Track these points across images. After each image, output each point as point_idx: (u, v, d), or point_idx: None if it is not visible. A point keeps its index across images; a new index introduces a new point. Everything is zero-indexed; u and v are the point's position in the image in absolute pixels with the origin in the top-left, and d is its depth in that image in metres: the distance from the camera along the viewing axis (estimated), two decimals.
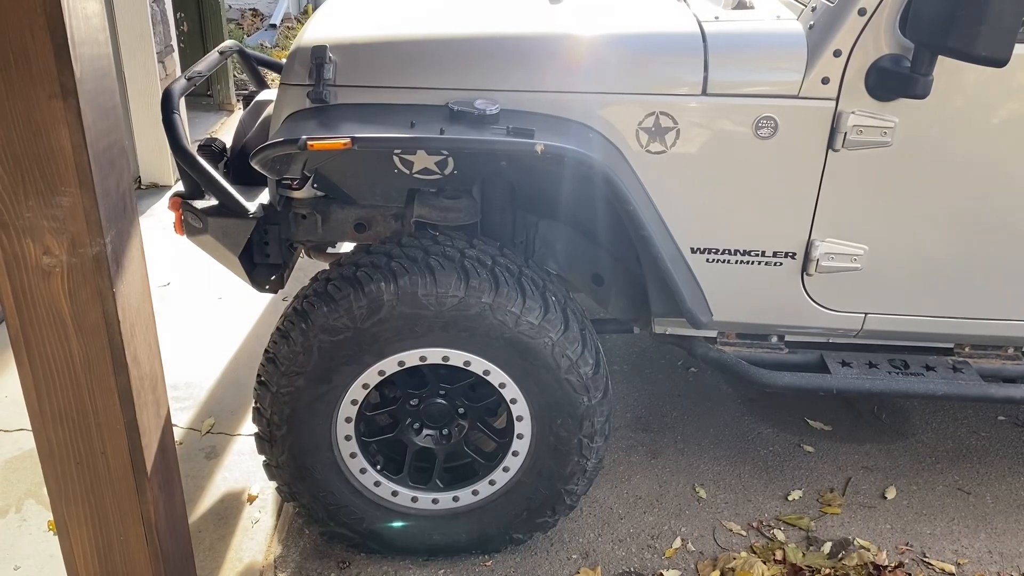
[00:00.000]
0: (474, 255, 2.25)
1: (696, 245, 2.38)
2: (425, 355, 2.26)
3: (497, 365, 2.27)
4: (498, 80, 2.24)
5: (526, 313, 2.20)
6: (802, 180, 2.30)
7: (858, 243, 2.37)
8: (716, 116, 2.23)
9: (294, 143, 2.09)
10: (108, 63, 1.32)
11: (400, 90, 2.26)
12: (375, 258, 2.25)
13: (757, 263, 2.40)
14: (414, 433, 2.46)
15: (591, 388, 2.30)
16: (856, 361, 2.55)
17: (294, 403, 2.28)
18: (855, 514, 2.80)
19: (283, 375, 2.25)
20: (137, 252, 1.44)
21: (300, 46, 2.30)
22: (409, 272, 2.18)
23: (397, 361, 2.26)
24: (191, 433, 3.04)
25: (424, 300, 2.17)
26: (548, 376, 2.26)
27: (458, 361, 2.27)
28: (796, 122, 2.23)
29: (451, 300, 2.17)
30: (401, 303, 2.17)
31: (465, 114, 2.15)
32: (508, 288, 2.20)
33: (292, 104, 2.31)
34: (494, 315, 2.19)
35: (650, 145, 2.25)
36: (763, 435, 3.14)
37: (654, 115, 2.22)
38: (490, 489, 2.46)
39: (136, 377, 1.47)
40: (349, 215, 2.67)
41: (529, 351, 2.23)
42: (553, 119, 2.22)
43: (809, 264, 2.38)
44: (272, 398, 2.28)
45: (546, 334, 2.22)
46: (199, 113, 6.18)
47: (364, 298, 2.17)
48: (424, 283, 2.17)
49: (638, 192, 2.27)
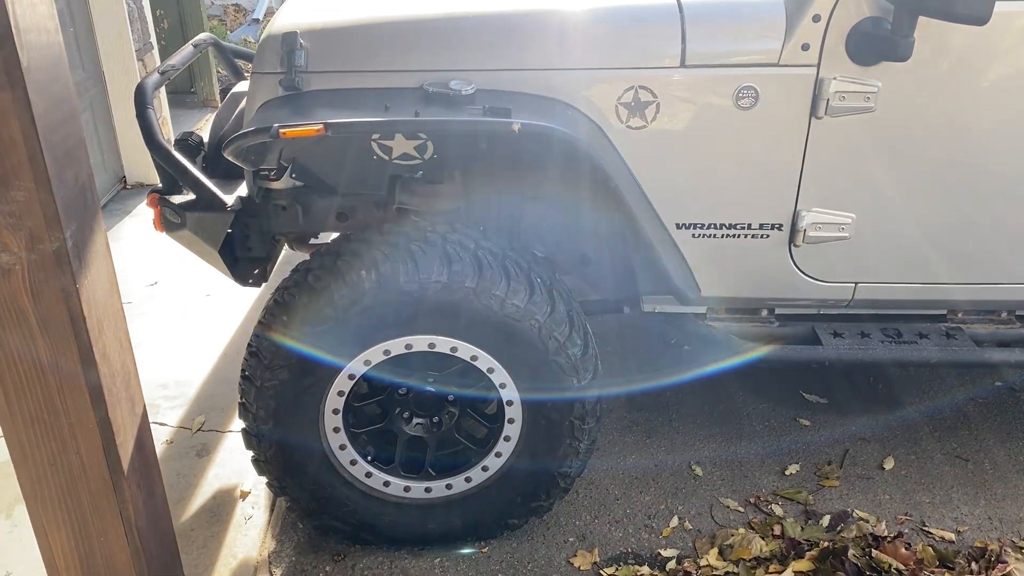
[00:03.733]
0: (456, 239, 2.22)
1: (681, 220, 2.35)
2: (411, 343, 2.23)
3: (484, 350, 2.24)
4: (473, 60, 2.20)
5: (511, 296, 2.16)
6: (786, 149, 2.26)
7: (845, 212, 2.34)
8: (696, 88, 2.20)
9: (266, 131, 2.06)
10: (59, 51, 1.28)
11: (374, 74, 2.22)
12: (355, 246, 2.21)
13: (743, 236, 2.37)
14: (404, 422, 2.43)
15: (580, 369, 2.26)
16: (848, 331, 2.53)
17: (279, 397, 2.24)
18: (853, 486, 2.78)
19: (266, 369, 2.22)
20: (101, 245, 1.41)
21: (271, 34, 2.26)
22: (390, 259, 2.14)
23: (382, 350, 2.23)
24: (182, 431, 3.02)
25: (407, 287, 2.13)
26: (536, 359, 2.23)
27: (445, 348, 2.24)
28: (777, 91, 2.19)
29: (434, 286, 2.14)
30: (383, 291, 2.13)
31: (440, 95, 2.11)
32: (492, 271, 2.16)
33: (265, 93, 2.27)
34: (479, 299, 2.15)
35: (630, 120, 2.21)
36: (759, 410, 3.12)
37: (633, 89, 2.18)
38: (483, 475, 2.43)
39: (107, 374, 1.43)
40: (330, 204, 2.63)
41: (516, 334, 2.20)
42: (531, 97, 2.18)
43: (796, 235, 2.35)
44: (257, 392, 2.25)
45: (532, 316, 2.18)
46: (183, 111, 6.13)
47: (345, 287, 2.14)
48: (406, 269, 2.13)
49: (620, 169, 2.24)
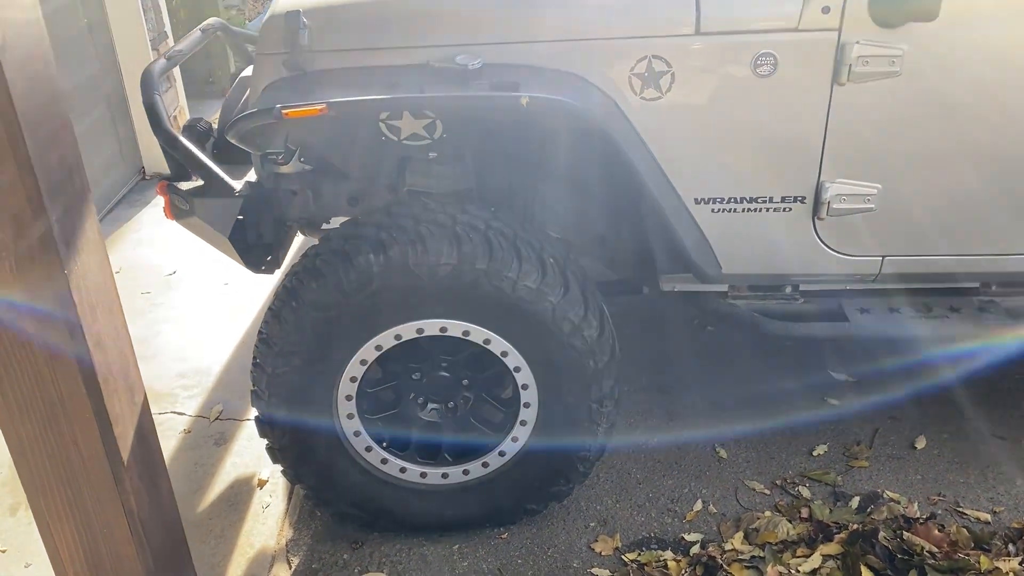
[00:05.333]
0: (466, 220, 2.16)
1: (699, 195, 2.27)
2: (422, 327, 2.18)
3: (498, 333, 2.18)
4: (480, 33, 2.13)
5: (523, 277, 2.10)
6: (807, 118, 2.17)
7: (871, 182, 2.24)
8: (712, 56, 2.11)
9: (269, 112, 2.02)
10: (39, 30, 1.23)
11: (379, 51, 2.16)
12: (363, 229, 2.16)
13: (765, 210, 2.28)
14: (419, 408, 2.39)
15: (596, 351, 2.20)
16: (876, 307, 2.43)
17: (291, 384, 2.21)
18: (883, 466, 2.70)
19: (277, 355, 2.18)
20: (91, 230, 1.37)
21: (274, 13, 2.21)
22: (399, 242, 2.09)
23: (394, 335, 2.18)
24: (200, 421, 3.00)
25: (416, 270, 2.08)
26: (551, 342, 2.17)
27: (457, 332, 2.19)
28: (797, 57, 2.10)
29: (444, 268, 2.08)
30: (392, 274, 2.08)
31: (446, 71, 2.05)
32: (503, 252, 2.10)
33: (269, 75, 2.22)
34: (490, 281, 2.09)
35: (644, 92, 2.13)
36: (785, 390, 3.03)
37: (646, 59, 2.10)
38: (500, 460, 2.37)
39: (102, 363, 1.40)
40: (341, 189, 2.59)
41: (529, 317, 2.14)
42: (540, 70, 2.11)
43: (820, 208, 2.26)
44: (268, 380, 2.21)
45: (545, 298, 2.12)
46: (201, 101, 6.11)
47: (353, 271, 2.09)
48: (415, 252, 2.08)
49: (635, 143, 2.16)
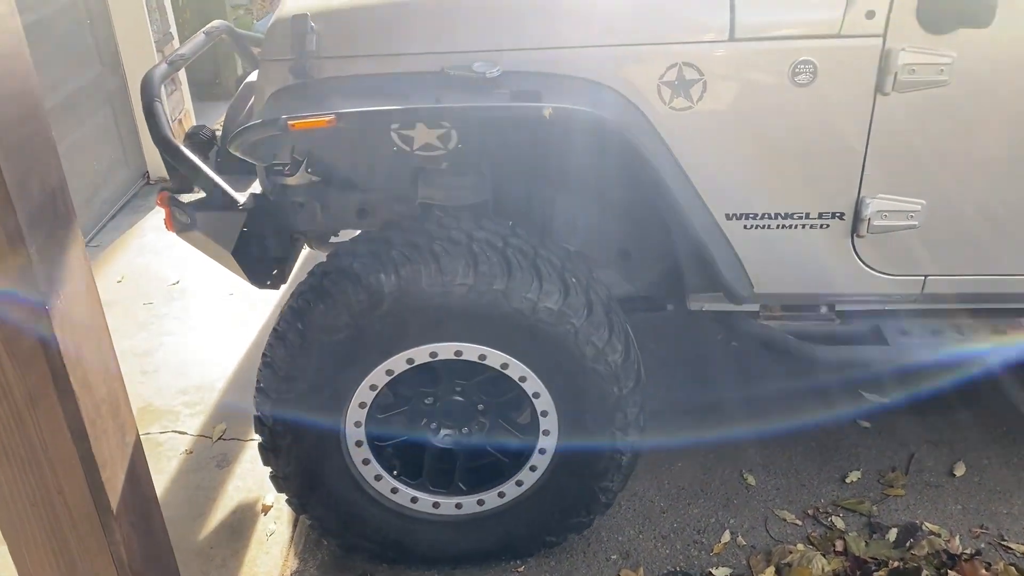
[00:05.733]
0: (483, 237, 2.03)
1: (731, 211, 2.13)
2: (436, 351, 2.05)
3: (516, 357, 2.05)
4: (499, 39, 2.00)
5: (544, 298, 1.97)
6: (848, 130, 2.03)
7: (914, 198, 2.10)
8: (747, 63, 1.98)
9: (274, 123, 1.89)
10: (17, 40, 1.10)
11: (391, 57, 2.04)
12: (374, 246, 2.04)
13: (801, 227, 2.14)
14: (432, 434, 2.26)
15: (621, 376, 2.07)
16: (917, 329, 2.29)
17: (296, 410, 2.08)
18: (921, 495, 2.55)
19: (282, 380, 2.05)
20: (77, 259, 1.24)
21: (279, 17, 2.09)
22: (411, 260, 1.96)
23: (405, 359, 2.05)
24: (202, 441, 2.87)
25: (430, 290, 1.95)
26: (573, 366, 2.04)
27: (472, 356, 2.06)
28: (838, 64, 1.96)
29: (460, 289, 1.95)
30: (405, 295, 1.95)
31: (462, 79, 1.92)
32: (522, 272, 1.97)
33: (274, 82, 2.10)
34: (508, 302, 1.96)
35: (673, 101, 2.00)
36: (814, 410, 2.89)
37: (676, 67, 1.97)
38: (517, 490, 2.24)
39: (89, 405, 1.27)
40: (350, 201, 2.46)
41: (550, 340, 2.01)
42: (563, 79, 1.98)
43: (860, 224, 2.12)
44: (273, 405, 2.09)
45: (568, 320, 1.99)
46: (207, 103, 5.99)
47: (363, 292, 1.96)
48: (429, 272, 1.95)
49: (663, 155, 2.03)
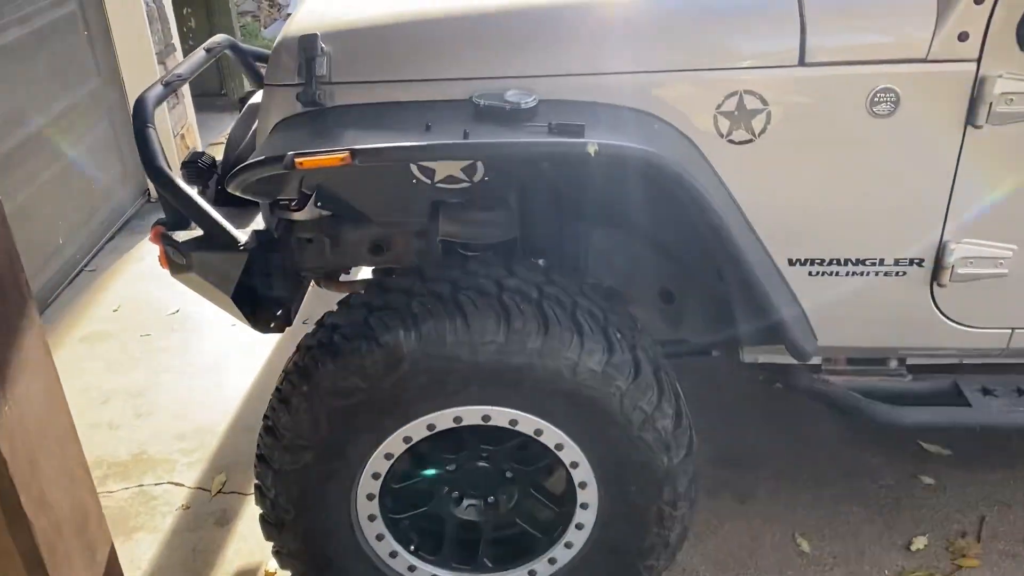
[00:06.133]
0: (515, 286, 1.78)
1: (795, 255, 1.89)
2: (460, 415, 1.80)
3: (552, 423, 1.81)
4: (535, 63, 1.77)
5: (585, 358, 1.73)
6: (932, 167, 1.79)
7: (1004, 243, 1.85)
8: (818, 91, 1.73)
9: (278, 161, 1.65)
10: None
11: (412, 84, 1.80)
12: (392, 297, 1.80)
13: (874, 274, 1.90)
14: (453, 504, 2.01)
15: (672, 445, 1.82)
16: (1001, 388, 2.04)
17: (303, 482, 1.84)
18: (998, 566, 2.29)
19: (286, 449, 1.81)
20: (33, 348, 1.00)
21: (286, 36, 1.86)
22: (434, 315, 1.72)
23: (426, 425, 1.81)
24: (200, 494, 2.63)
25: (455, 350, 1.71)
26: (617, 434, 1.79)
27: (502, 420, 1.81)
28: (924, 93, 1.71)
29: (489, 348, 1.71)
30: (426, 355, 1.71)
31: (494, 109, 1.68)
32: (560, 327, 1.73)
33: (280, 109, 1.87)
34: (544, 363, 1.72)
35: (733, 133, 1.76)
36: (871, 465, 2.63)
37: (737, 95, 1.73)
38: (550, 569, 1.99)
39: (46, 527, 1.03)
40: (363, 236, 2.22)
41: (591, 405, 1.76)
42: (607, 108, 1.74)
43: (941, 272, 1.87)
44: (275, 476, 1.84)
45: (612, 383, 1.74)
46: (212, 114, 5.76)
47: (379, 351, 1.72)
48: (454, 328, 1.70)
49: (719, 194, 1.78)
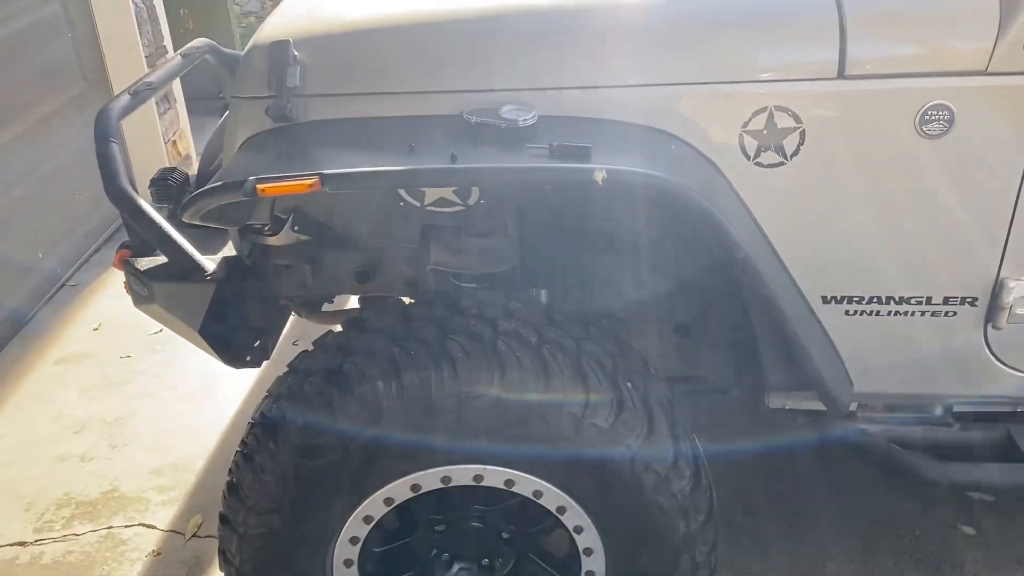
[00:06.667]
0: (511, 330, 1.56)
1: (830, 293, 1.67)
2: (449, 475, 1.59)
3: (553, 484, 1.59)
4: (533, 74, 1.55)
5: (591, 413, 1.51)
6: (990, 195, 1.57)
7: None
8: (860, 108, 1.51)
9: (238, 188, 1.44)
10: None
11: (394, 96, 1.59)
12: (371, 340, 1.58)
13: (920, 314, 1.67)
14: (443, 568, 1.79)
15: (689, 510, 1.60)
16: None
17: (270, 548, 1.62)
18: None
19: (251, 512, 1.59)
20: None
21: (256, 43, 1.65)
22: (418, 363, 1.50)
23: (409, 485, 1.59)
24: (173, 538, 2.42)
25: (442, 403, 1.49)
26: (627, 498, 1.57)
27: (496, 481, 1.59)
28: (982, 110, 1.49)
29: (480, 401, 1.49)
30: (408, 409, 1.50)
31: (488, 128, 1.47)
32: (563, 378, 1.51)
33: (247, 125, 1.66)
34: (544, 419, 1.50)
35: (761, 155, 1.54)
36: (904, 512, 2.40)
37: (766, 112, 1.51)
38: None
39: None
40: (347, 262, 2.01)
41: (597, 466, 1.54)
42: (616, 126, 1.52)
43: (997, 313, 1.64)
44: (240, 542, 1.63)
45: (622, 440, 1.52)
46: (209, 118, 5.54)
47: (355, 403, 1.50)
48: (440, 378, 1.49)
49: (745, 224, 1.56)
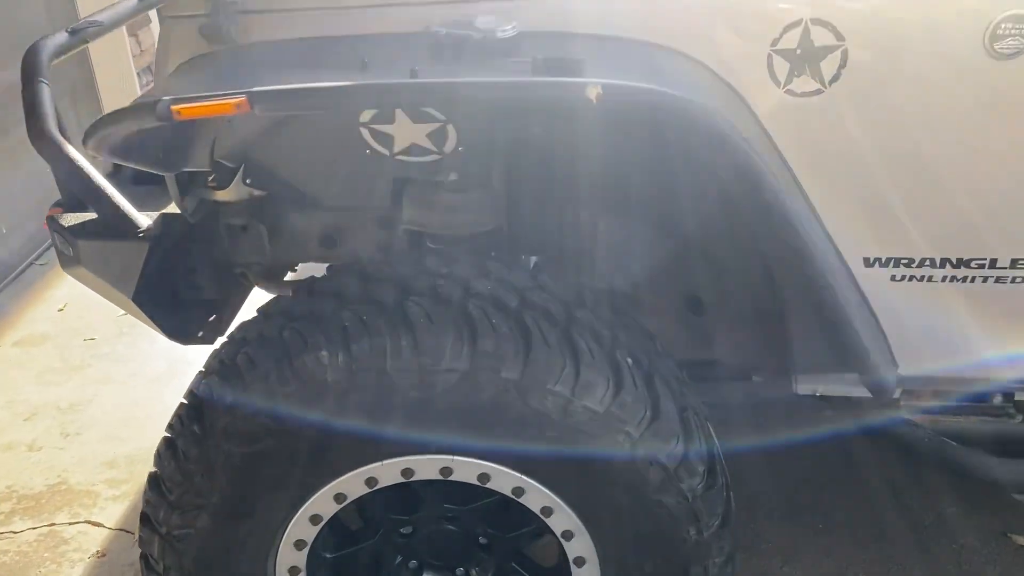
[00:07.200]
0: (486, 291, 1.29)
1: (874, 253, 1.39)
2: (412, 467, 1.31)
3: (537, 480, 1.31)
4: None
5: (582, 393, 1.23)
6: None
7: None
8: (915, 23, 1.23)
9: (149, 111, 1.18)
10: None
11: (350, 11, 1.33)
12: (317, 303, 1.32)
13: (982, 280, 1.39)
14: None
15: (702, 513, 1.32)
16: None
17: (198, 553, 1.36)
18: None
19: (174, 508, 1.33)
20: None
21: None
22: (371, 330, 1.23)
23: (364, 479, 1.32)
24: (122, 538, 2.15)
25: (400, 379, 1.22)
26: (627, 498, 1.29)
27: (469, 475, 1.32)
28: None
29: (447, 377, 1.22)
30: (359, 386, 1.23)
31: (459, 40, 1.20)
32: (548, 350, 1.24)
33: (181, 47, 1.41)
34: (525, 399, 1.23)
35: (794, 81, 1.27)
36: (947, 518, 2.11)
37: (800, 27, 1.24)
38: None
39: None
40: (310, 224, 1.74)
41: (591, 458, 1.27)
42: (614, 42, 1.25)
43: None
44: (162, 544, 1.36)
45: (620, 427, 1.25)
46: None
47: (295, 378, 1.23)
48: (397, 349, 1.22)
49: (772, 166, 1.29)
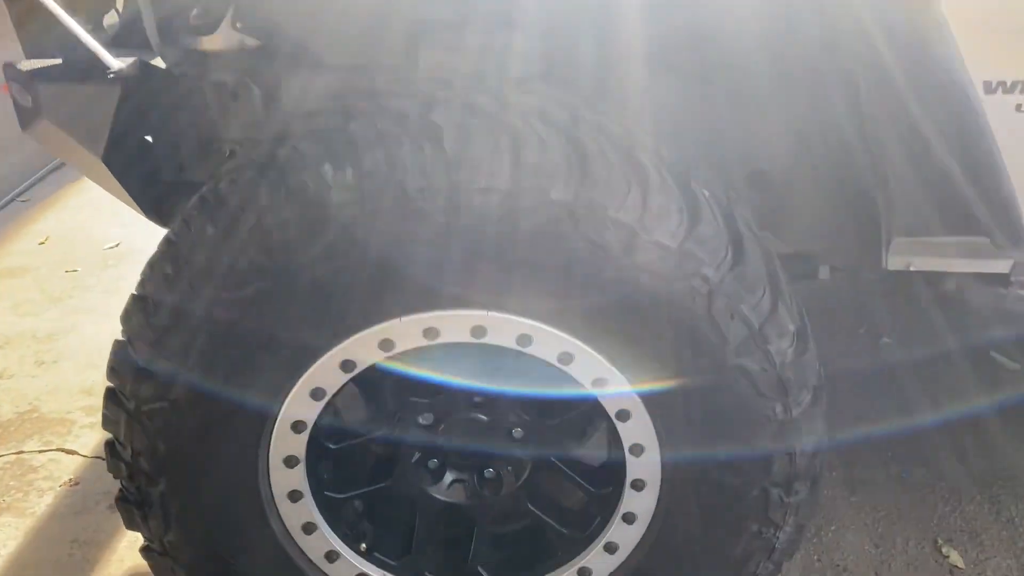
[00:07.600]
0: (531, 105, 1.05)
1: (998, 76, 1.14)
2: (436, 326, 1.06)
3: (587, 342, 1.06)
4: None
5: (649, 221, 0.99)
6: None
7: None
8: None
9: None
10: None
11: None
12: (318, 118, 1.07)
13: None
14: (430, 479, 1.27)
15: (791, 384, 1.08)
16: None
17: (173, 433, 1.11)
18: None
19: (143, 377, 1.08)
20: None
21: None
22: (387, 139, 0.99)
23: (378, 340, 1.07)
24: (96, 465, 1.91)
25: (422, 200, 0.97)
26: (700, 358, 1.05)
27: (506, 338, 1.07)
28: None
29: (484, 197, 0.97)
30: (371, 211, 0.98)
31: None
32: (609, 169, 0.99)
33: None
34: (578, 228, 0.98)
35: None
36: None
37: None
38: None
39: None
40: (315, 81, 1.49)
41: (658, 307, 1.02)
42: None
43: None
44: (130, 423, 1.12)
45: (696, 269, 1.01)
46: None
47: (291, 202, 0.99)
48: (420, 160, 0.97)
49: None
